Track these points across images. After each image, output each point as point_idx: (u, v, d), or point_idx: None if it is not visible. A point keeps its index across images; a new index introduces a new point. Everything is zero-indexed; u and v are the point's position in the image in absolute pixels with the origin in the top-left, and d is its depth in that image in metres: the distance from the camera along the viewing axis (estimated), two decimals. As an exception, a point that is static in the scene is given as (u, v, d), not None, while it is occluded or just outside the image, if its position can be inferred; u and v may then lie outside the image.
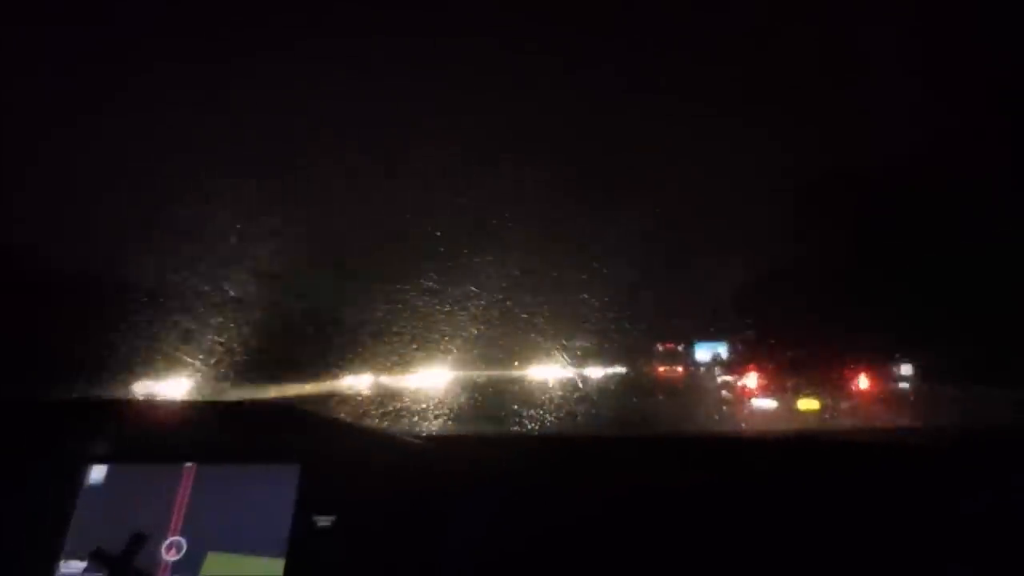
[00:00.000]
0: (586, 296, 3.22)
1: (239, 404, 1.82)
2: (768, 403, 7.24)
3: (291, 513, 1.38)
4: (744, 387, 7.92)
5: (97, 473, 1.45)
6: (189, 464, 1.44)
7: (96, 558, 1.34)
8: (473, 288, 2.94)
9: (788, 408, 6.89)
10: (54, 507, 1.41)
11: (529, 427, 2.97)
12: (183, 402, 1.84)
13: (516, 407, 3.08)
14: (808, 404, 6.79)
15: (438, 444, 1.77)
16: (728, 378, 10.11)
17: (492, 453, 1.67)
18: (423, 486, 1.46)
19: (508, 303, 3.08)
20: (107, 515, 1.41)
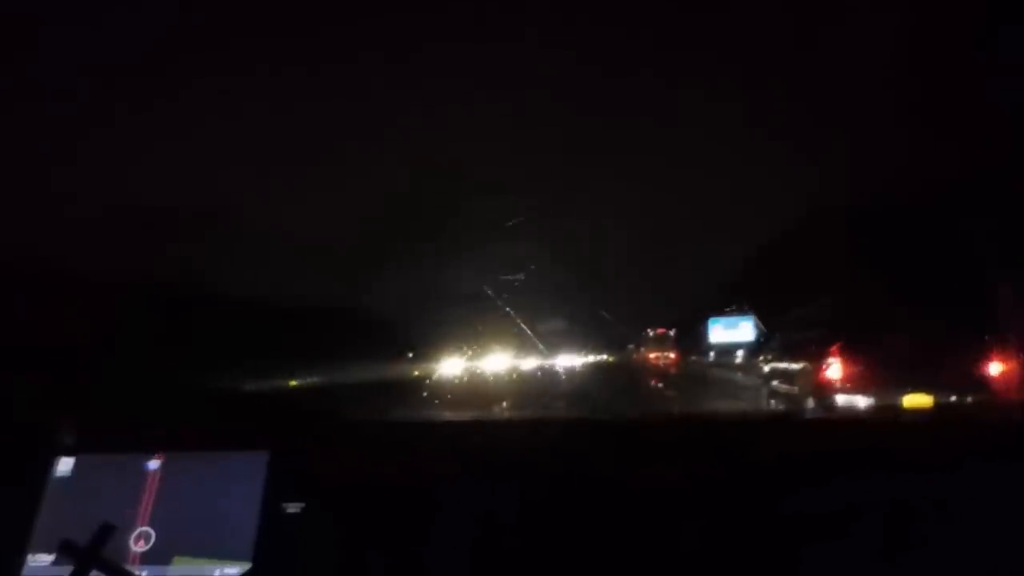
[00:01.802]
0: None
1: (207, 392, 1.82)
2: (860, 400, 5.62)
3: (260, 501, 1.39)
4: (824, 379, 6.11)
5: (64, 465, 1.45)
6: (158, 454, 1.44)
7: (64, 550, 1.33)
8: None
9: (890, 407, 5.47)
10: (21, 500, 1.41)
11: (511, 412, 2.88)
12: (150, 392, 1.83)
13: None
14: (918, 400, 5.17)
15: (412, 429, 1.76)
16: (784, 366, 7.56)
17: (471, 438, 1.65)
18: (396, 471, 1.46)
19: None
20: (75, 507, 1.41)
